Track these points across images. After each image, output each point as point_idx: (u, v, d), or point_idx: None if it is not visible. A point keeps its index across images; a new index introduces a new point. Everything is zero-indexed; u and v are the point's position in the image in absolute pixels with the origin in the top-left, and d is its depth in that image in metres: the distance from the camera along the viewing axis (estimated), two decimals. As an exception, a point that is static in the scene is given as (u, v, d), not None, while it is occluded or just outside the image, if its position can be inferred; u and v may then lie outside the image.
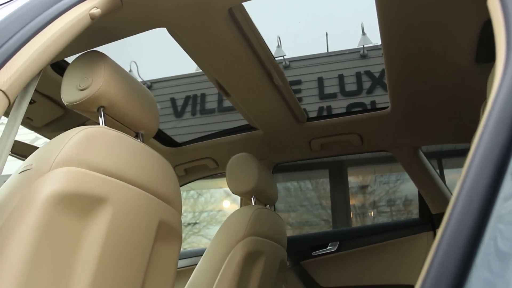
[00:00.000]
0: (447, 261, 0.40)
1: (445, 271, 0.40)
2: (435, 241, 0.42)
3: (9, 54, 0.87)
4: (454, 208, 0.43)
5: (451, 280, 0.39)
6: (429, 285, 0.40)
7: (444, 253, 0.41)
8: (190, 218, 6.85)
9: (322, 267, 2.11)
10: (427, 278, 0.40)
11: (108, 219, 0.96)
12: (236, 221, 1.58)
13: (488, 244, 0.40)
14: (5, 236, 0.82)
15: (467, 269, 0.40)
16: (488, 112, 0.48)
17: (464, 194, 0.44)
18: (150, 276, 1.14)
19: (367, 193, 6.64)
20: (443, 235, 0.42)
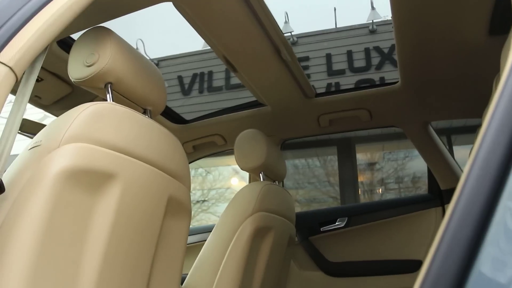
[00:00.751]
0: (457, 237, 0.40)
1: (456, 247, 0.40)
2: (446, 217, 0.42)
3: (14, 30, 0.86)
4: (466, 183, 0.43)
5: (461, 256, 0.39)
6: (439, 260, 0.40)
7: (454, 229, 0.41)
8: (199, 196, 6.91)
9: (331, 242, 2.12)
10: (437, 254, 0.40)
11: (117, 195, 0.97)
12: (245, 197, 1.59)
13: (499, 221, 0.40)
14: (17, 211, 0.83)
15: (478, 245, 0.39)
16: (502, 85, 0.47)
17: (476, 170, 0.43)
18: (161, 250, 1.15)
19: (375, 170, 6.63)
20: (454, 211, 0.42)
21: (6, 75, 0.83)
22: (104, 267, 0.94)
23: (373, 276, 2.02)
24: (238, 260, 1.47)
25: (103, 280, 0.94)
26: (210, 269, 1.49)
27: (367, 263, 2.05)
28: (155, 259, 1.13)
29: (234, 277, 1.46)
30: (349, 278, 2.05)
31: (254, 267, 1.60)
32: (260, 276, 1.62)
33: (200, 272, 1.51)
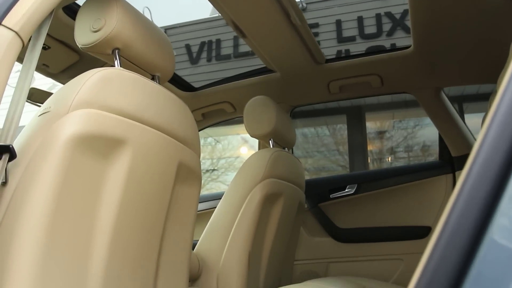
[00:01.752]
0: (470, 204, 0.39)
1: (468, 214, 0.39)
2: (458, 183, 0.41)
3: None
4: (481, 148, 0.41)
5: (474, 224, 0.38)
6: (451, 227, 0.39)
7: (467, 195, 0.40)
8: (209, 165, 6.96)
9: (340, 209, 2.13)
10: (448, 220, 0.39)
11: (128, 161, 0.97)
12: (255, 163, 1.59)
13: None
14: (30, 177, 0.83)
15: (491, 213, 0.38)
16: None
17: (493, 134, 0.42)
18: (172, 216, 1.17)
19: (384, 138, 6.60)
20: (468, 177, 0.40)
21: (12, 40, 0.83)
22: (116, 233, 0.95)
23: (382, 242, 2.04)
24: (248, 226, 1.49)
25: (116, 245, 0.95)
26: (220, 234, 1.51)
27: (376, 229, 2.06)
28: (167, 225, 1.15)
29: (244, 242, 1.48)
30: (358, 244, 2.07)
31: (264, 233, 1.62)
32: (270, 241, 1.64)
33: (211, 238, 1.53)
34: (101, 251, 0.92)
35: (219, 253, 1.48)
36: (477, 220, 0.38)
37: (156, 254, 1.10)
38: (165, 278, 1.14)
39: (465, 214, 0.39)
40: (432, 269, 0.38)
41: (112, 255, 0.94)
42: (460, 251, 0.37)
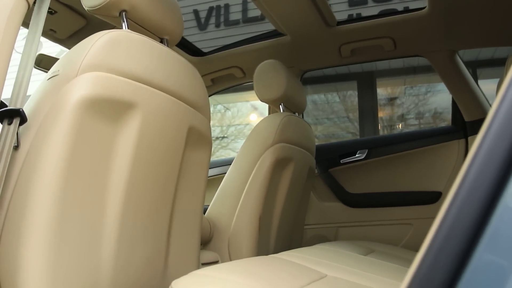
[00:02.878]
0: (485, 168, 0.38)
1: (483, 179, 0.37)
2: (474, 146, 0.39)
3: None
4: (496, 115, 0.39)
5: (489, 189, 0.37)
6: (465, 191, 0.38)
7: (482, 160, 0.38)
8: (218, 132, 6.96)
9: (350, 174, 2.13)
10: (462, 186, 0.38)
11: (138, 124, 0.97)
12: (265, 128, 1.58)
13: None
14: (41, 140, 0.83)
15: (506, 179, 0.37)
16: None
17: (508, 101, 0.40)
18: (183, 180, 1.17)
19: (395, 105, 6.52)
20: (484, 140, 0.39)
21: (18, 1, 0.81)
22: (128, 195, 0.96)
23: (392, 207, 2.04)
24: (258, 191, 1.49)
25: (128, 207, 0.96)
26: (231, 199, 1.52)
27: (386, 194, 2.06)
28: (178, 189, 1.15)
29: (255, 207, 1.49)
30: (368, 208, 2.08)
31: (274, 197, 1.62)
32: (280, 206, 1.65)
33: (222, 202, 1.55)
34: (114, 213, 0.93)
35: (230, 217, 1.50)
36: (492, 185, 0.37)
37: (168, 217, 1.11)
38: (177, 241, 1.16)
39: (479, 178, 0.38)
40: (444, 233, 0.37)
41: (125, 217, 0.95)
42: (474, 215, 0.36)
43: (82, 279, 0.85)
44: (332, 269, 1.00)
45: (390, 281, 0.95)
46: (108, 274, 0.91)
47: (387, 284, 0.92)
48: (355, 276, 0.96)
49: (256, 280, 0.72)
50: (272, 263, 0.91)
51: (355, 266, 1.07)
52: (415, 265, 0.37)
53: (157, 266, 1.06)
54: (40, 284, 0.78)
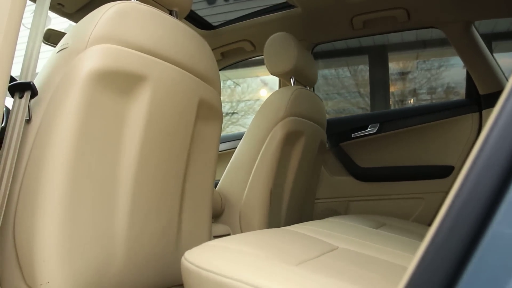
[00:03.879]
0: (503, 141, 0.36)
1: (500, 152, 0.36)
2: (491, 118, 0.38)
3: None
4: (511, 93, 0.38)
5: (505, 161, 0.36)
6: (481, 165, 0.37)
7: (500, 132, 0.37)
8: (228, 108, 6.95)
9: (362, 148, 2.12)
10: (479, 157, 0.37)
11: (148, 97, 0.96)
12: (276, 102, 1.57)
13: None
14: (52, 113, 0.84)
15: None
16: None
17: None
18: (194, 153, 1.17)
19: (407, 80, 6.43)
20: (501, 113, 0.37)
21: None
22: (140, 168, 0.96)
23: (403, 181, 2.04)
24: (269, 164, 1.49)
25: (141, 180, 0.96)
26: (242, 173, 1.53)
27: (398, 168, 2.05)
28: (189, 162, 1.16)
29: (266, 180, 1.49)
30: (379, 183, 2.07)
31: (285, 171, 1.62)
32: (291, 180, 1.65)
33: (233, 176, 1.55)
34: (127, 185, 0.94)
35: (241, 191, 1.50)
36: (509, 158, 0.36)
37: (180, 190, 1.11)
38: (189, 214, 1.17)
39: (496, 152, 0.37)
40: (459, 206, 0.36)
41: (137, 188, 0.96)
42: (489, 190, 0.36)
43: (97, 248, 0.87)
44: (343, 241, 1.00)
45: (402, 254, 0.95)
46: (122, 244, 0.92)
47: (399, 257, 0.92)
48: (366, 248, 0.96)
49: (267, 250, 0.73)
50: (283, 235, 0.91)
51: (367, 239, 1.07)
52: (428, 239, 0.37)
53: (169, 238, 1.08)
54: (56, 254, 0.79)
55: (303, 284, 0.56)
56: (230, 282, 0.60)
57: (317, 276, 0.60)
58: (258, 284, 0.57)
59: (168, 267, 1.07)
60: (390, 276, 0.73)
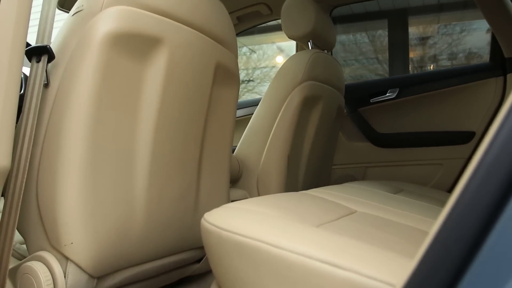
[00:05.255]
0: None
1: None
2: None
3: None
4: None
5: None
6: (504, 136, 0.35)
7: None
8: (244, 76, 6.88)
9: (380, 114, 2.09)
10: (503, 127, 0.35)
11: (165, 60, 0.95)
12: (293, 66, 1.54)
13: None
14: (70, 77, 0.83)
15: None
16: None
17: None
18: (211, 118, 1.17)
19: (427, 45, 6.25)
20: None
21: None
22: (158, 132, 0.96)
23: (422, 147, 2.01)
24: (287, 129, 1.48)
25: (159, 144, 0.97)
26: (259, 137, 1.52)
27: (417, 134, 2.02)
28: (207, 126, 1.15)
29: (284, 145, 1.48)
30: (397, 148, 2.05)
31: (303, 136, 1.61)
32: (309, 145, 1.64)
33: (250, 141, 1.55)
34: (145, 149, 0.94)
35: (258, 156, 1.50)
36: None
37: (198, 154, 1.11)
38: (207, 178, 1.17)
39: None
40: (484, 171, 0.35)
41: (156, 152, 0.96)
42: None
43: (117, 210, 0.88)
44: (361, 205, 0.99)
45: (421, 218, 0.94)
46: (142, 207, 0.94)
47: (418, 221, 0.91)
48: (385, 212, 0.96)
49: (286, 212, 0.73)
50: (301, 198, 0.91)
51: (385, 203, 1.06)
52: (450, 204, 0.36)
53: (188, 202, 1.09)
54: (78, 216, 0.81)
55: (324, 244, 0.56)
56: (250, 242, 0.60)
57: (337, 237, 0.60)
58: (279, 243, 0.57)
59: (187, 230, 1.09)
60: (410, 239, 0.72)
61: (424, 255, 0.37)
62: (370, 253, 0.56)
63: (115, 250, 0.88)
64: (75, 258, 0.81)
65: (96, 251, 0.83)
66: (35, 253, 0.83)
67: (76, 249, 0.81)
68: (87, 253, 0.82)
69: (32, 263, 0.81)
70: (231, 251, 0.62)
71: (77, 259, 0.81)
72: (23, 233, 0.86)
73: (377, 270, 0.51)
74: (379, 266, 0.52)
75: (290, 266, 0.55)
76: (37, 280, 0.80)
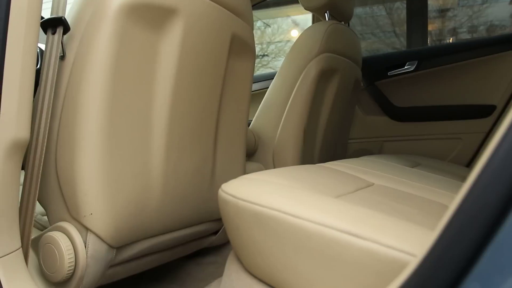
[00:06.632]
0: None
1: None
2: None
3: None
4: None
5: None
6: None
7: None
8: (258, 50, 6.82)
9: (398, 87, 2.05)
10: None
11: (180, 32, 0.94)
12: (310, 38, 1.51)
13: None
14: (85, 49, 0.83)
15: None
16: None
17: None
18: (227, 90, 1.16)
19: (447, 18, 6.07)
20: None
21: None
22: (174, 104, 0.96)
23: (440, 121, 1.97)
24: (303, 102, 1.46)
25: (175, 116, 0.96)
26: (275, 111, 1.51)
27: (435, 107, 1.98)
28: (223, 99, 1.15)
29: (299, 118, 1.47)
30: (415, 122, 2.02)
31: (319, 109, 1.59)
32: (325, 118, 1.62)
33: (266, 114, 1.54)
34: (161, 122, 0.94)
35: (274, 129, 1.49)
36: None
37: (214, 127, 1.11)
38: (223, 151, 1.17)
39: None
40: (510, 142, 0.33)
41: (172, 126, 0.96)
42: None
43: (135, 182, 0.89)
44: (378, 178, 0.99)
45: (440, 191, 0.93)
46: (159, 179, 0.94)
47: (436, 194, 0.90)
48: (402, 185, 0.95)
49: (304, 183, 0.72)
50: (318, 170, 0.90)
51: (402, 176, 1.05)
52: (476, 172, 0.35)
53: (204, 174, 1.09)
54: (97, 187, 0.81)
55: (343, 214, 0.56)
56: (268, 212, 0.60)
57: (356, 207, 0.59)
58: (297, 213, 0.57)
59: (203, 203, 1.10)
60: (429, 211, 0.72)
61: (447, 225, 0.36)
62: (390, 223, 0.55)
63: (133, 221, 0.89)
64: (95, 229, 0.82)
65: (115, 222, 0.85)
66: (56, 224, 0.85)
67: (95, 219, 0.82)
68: (106, 224, 0.83)
69: (53, 233, 0.83)
70: (249, 221, 0.62)
71: (96, 229, 0.82)
72: (44, 204, 0.88)
73: (397, 239, 0.50)
74: (399, 236, 0.51)
75: (309, 236, 0.55)
76: (58, 249, 0.81)
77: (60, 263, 0.81)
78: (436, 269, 0.36)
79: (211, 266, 1.30)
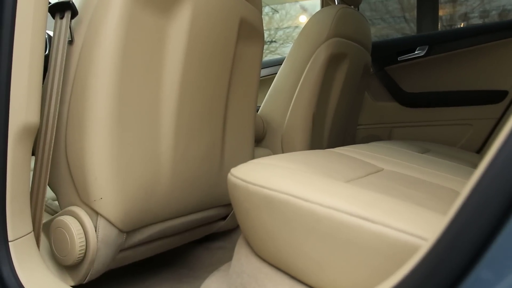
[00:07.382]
0: None
1: None
2: None
3: None
4: None
5: None
6: None
7: None
8: (266, 37, 6.77)
9: (408, 72, 2.02)
10: None
11: (188, 16, 0.93)
12: (319, 22, 1.49)
13: None
14: (94, 33, 0.82)
15: None
16: None
17: None
18: (236, 75, 1.15)
19: (458, 2, 5.98)
20: None
21: None
22: (183, 89, 0.95)
23: (451, 106, 1.95)
24: (312, 87, 1.45)
25: (184, 100, 0.96)
26: (284, 96, 1.50)
27: (446, 93, 1.96)
28: (231, 83, 1.14)
29: (308, 103, 1.46)
30: (425, 108, 2.00)
31: (328, 94, 1.58)
32: (334, 104, 1.61)
33: (274, 100, 1.53)
34: (170, 107, 0.94)
35: (283, 115, 1.49)
36: None
37: (223, 112, 1.11)
38: (232, 136, 1.17)
39: None
40: None
41: (180, 111, 0.96)
42: None
43: (144, 167, 0.89)
44: (388, 164, 0.98)
45: (450, 177, 0.92)
46: (167, 164, 0.94)
47: (447, 179, 0.89)
48: (412, 170, 0.94)
49: (313, 167, 0.72)
50: (328, 155, 0.90)
51: (412, 162, 1.04)
52: (490, 156, 0.34)
53: (213, 160, 1.09)
54: (106, 172, 0.82)
55: (353, 198, 0.55)
56: (278, 195, 0.59)
57: (366, 192, 0.59)
58: (308, 197, 0.57)
59: (212, 188, 1.10)
60: (440, 196, 0.71)
61: (460, 209, 0.36)
62: (401, 207, 0.55)
63: (142, 205, 0.89)
64: (105, 213, 0.83)
65: (125, 206, 0.85)
66: (67, 208, 0.85)
67: (105, 204, 0.82)
68: (116, 208, 0.84)
69: (64, 218, 0.84)
70: (259, 205, 0.62)
71: (106, 213, 0.83)
72: (55, 189, 0.88)
73: (408, 223, 0.50)
74: (410, 220, 0.51)
75: (319, 219, 0.55)
76: (69, 233, 0.82)
77: (71, 246, 0.82)
78: (448, 253, 0.35)
79: (220, 251, 1.31)
